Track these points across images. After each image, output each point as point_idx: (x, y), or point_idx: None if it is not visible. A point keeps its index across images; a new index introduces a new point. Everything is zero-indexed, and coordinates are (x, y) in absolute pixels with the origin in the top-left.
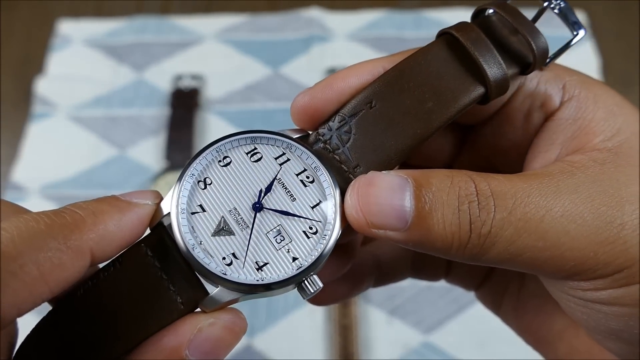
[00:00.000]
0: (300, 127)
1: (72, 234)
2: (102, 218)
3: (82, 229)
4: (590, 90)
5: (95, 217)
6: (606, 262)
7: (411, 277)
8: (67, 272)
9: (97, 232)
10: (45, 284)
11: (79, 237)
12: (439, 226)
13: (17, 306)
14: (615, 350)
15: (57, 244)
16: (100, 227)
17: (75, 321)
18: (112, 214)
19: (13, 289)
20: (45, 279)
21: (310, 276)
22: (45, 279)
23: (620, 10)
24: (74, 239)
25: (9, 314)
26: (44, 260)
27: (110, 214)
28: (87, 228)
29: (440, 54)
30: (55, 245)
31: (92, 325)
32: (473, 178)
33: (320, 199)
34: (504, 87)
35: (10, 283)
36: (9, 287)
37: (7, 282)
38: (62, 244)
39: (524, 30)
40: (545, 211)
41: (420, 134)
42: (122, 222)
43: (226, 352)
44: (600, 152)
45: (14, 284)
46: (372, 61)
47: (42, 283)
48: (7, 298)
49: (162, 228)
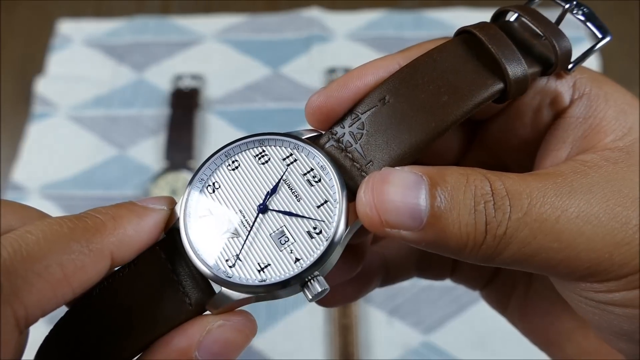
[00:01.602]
0: (314, 127)
1: (93, 237)
2: (122, 222)
3: (103, 233)
4: (601, 88)
5: (115, 221)
6: (621, 263)
7: (417, 276)
8: (89, 274)
9: (117, 236)
10: (69, 285)
11: (100, 241)
12: (454, 226)
13: (42, 306)
14: (626, 351)
15: (80, 247)
16: (120, 231)
17: (91, 320)
18: (131, 218)
19: (38, 289)
20: (69, 280)
21: (315, 277)
22: (68, 280)
23: (620, 10)
24: (96, 242)
25: (33, 313)
26: (68, 262)
27: (129, 219)
28: (107, 232)
29: (456, 50)
30: (78, 248)
31: (106, 324)
32: (488, 177)
33: (327, 199)
34: (523, 85)
35: (36, 283)
36: (35, 287)
37: (32, 282)
38: (84, 247)
39: (546, 31)
40: (561, 212)
41: (435, 128)
42: (139, 226)
43: (236, 354)
44: (612, 152)
45: (40, 285)
46: (387, 58)
47: (66, 284)
48: (33, 298)
49: (175, 232)
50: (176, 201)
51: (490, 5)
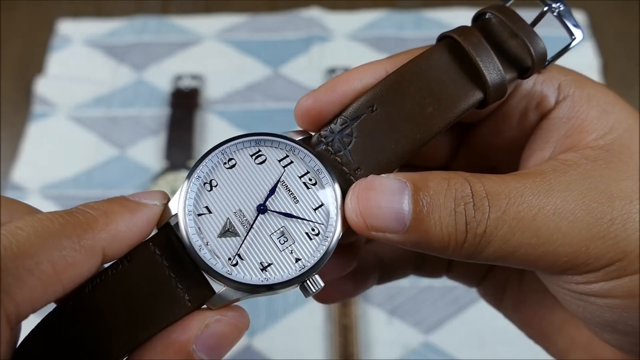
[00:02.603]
0: (303, 129)
1: (85, 233)
2: (113, 218)
3: (95, 229)
4: (584, 89)
5: (106, 217)
6: (597, 256)
7: (413, 274)
8: (80, 271)
9: (109, 232)
10: (59, 282)
11: (92, 237)
12: (436, 228)
13: (32, 303)
14: (612, 342)
15: (71, 243)
16: (111, 226)
17: (84, 317)
18: (123, 214)
19: (29, 285)
20: (60, 277)
21: (312, 276)
22: (59, 276)
23: (620, 10)
24: (87, 238)
25: (24, 309)
26: (59, 258)
27: (120, 214)
28: (99, 228)
29: (441, 58)
30: (69, 245)
31: (100, 321)
32: (468, 179)
33: (323, 201)
34: (501, 92)
35: (27, 280)
36: (26, 283)
37: (23, 279)
38: (75, 243)
39: (522, 34)
40: (538, 209)
41: (420, 139)
42: (132, 222)
43: (229, 348)
44: (593, 150)
45: (30, 281)
46: (374, 64)
47: (57, 281)
48: (24, 294)
49: (169, 228)
50: (169, 197)
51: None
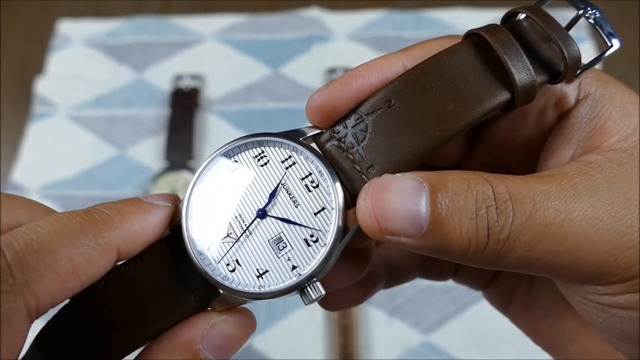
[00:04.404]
0: (314, 125)
1: (101, 231)
2: (128, 217)
3: (110, 228)
4: (606, 88)
5: (121, 216)
6: (626, 266)
7: (420, 277)
8: (96, 267)
9: (124, 231)
10: (77, 278)
11: (108, 235)
12: (455, 232)
13: (52, 297)
14: (629, 353)
15: (88, 241)
16: (126, 226)
17: (96, 311)
18: (137, 214)
19: (49, 280)
20: (78, 273)
21: (312, 283)
22: (77, 272)
23: (620, 10)
24: (103, 236)
25: (44, 304)
26: (77, 255)
27: (135, 214)
28: (114, 227)
29: (466, 55)
30: (87, 242)
31: (112, 315)
32: (490, 180)
33: (324, 205)
34: (531, 95)
35: (47, 275)
36: (46, 278)
37: (44, 274)
38: (92, 240)
39: (556, 36)
40: (565, 215)
41: (440, 137)
42: (145, 221)
43: (236, 348)
44: (617, 152)
45: (50, 276)
46: (390, 57)
47: (75, 276)
48: (44, 289)
49: (180, 229)
50: (180, 199)
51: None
